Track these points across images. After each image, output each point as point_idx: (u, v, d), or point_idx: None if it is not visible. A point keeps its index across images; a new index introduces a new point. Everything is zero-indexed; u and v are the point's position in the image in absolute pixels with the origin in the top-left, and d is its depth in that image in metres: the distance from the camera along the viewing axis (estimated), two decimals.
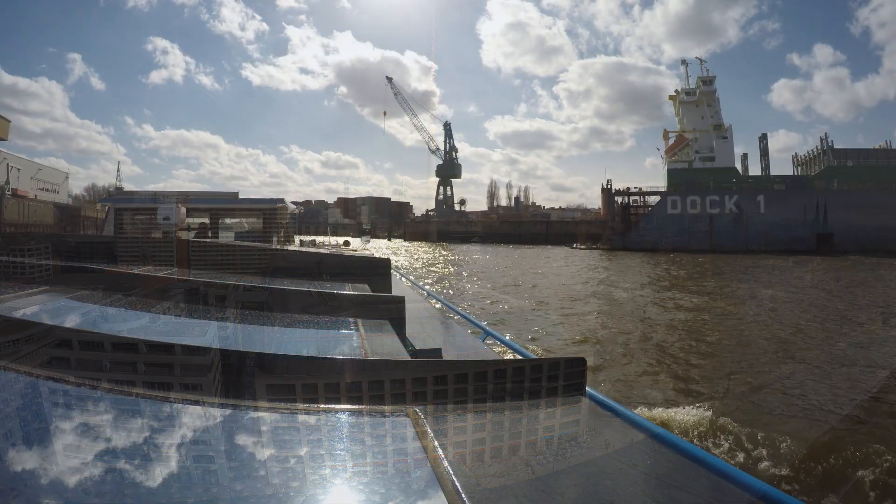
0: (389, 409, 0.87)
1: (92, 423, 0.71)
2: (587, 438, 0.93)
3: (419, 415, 0.86)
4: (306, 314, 1.61)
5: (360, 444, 0.75)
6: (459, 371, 1.11)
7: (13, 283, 1.73)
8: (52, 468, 0.60)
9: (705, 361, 10.90)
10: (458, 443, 0.75)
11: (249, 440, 0.71)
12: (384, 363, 1.03)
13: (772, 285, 25.04)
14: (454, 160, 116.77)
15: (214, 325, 1.53)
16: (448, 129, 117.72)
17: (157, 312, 1.57)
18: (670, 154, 76.98)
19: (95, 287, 1.75)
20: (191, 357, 0.88)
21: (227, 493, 0.58)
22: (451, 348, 1.89)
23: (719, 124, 77.73)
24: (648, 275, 32.30)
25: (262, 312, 1.59)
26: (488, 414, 0.94)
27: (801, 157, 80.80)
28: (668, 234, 65.97)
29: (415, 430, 0.81)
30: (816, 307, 18.27)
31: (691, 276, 32.29)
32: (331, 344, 1.48)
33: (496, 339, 2.91)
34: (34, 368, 0.84)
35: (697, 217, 67.22)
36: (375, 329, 1.53)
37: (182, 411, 0.77)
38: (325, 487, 0.61)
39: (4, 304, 1.40)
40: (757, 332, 13.88)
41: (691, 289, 24.05)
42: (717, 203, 67.61)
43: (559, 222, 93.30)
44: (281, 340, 1.48)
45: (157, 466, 0.61)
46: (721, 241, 64.43)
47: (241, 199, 14.17)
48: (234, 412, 0.78)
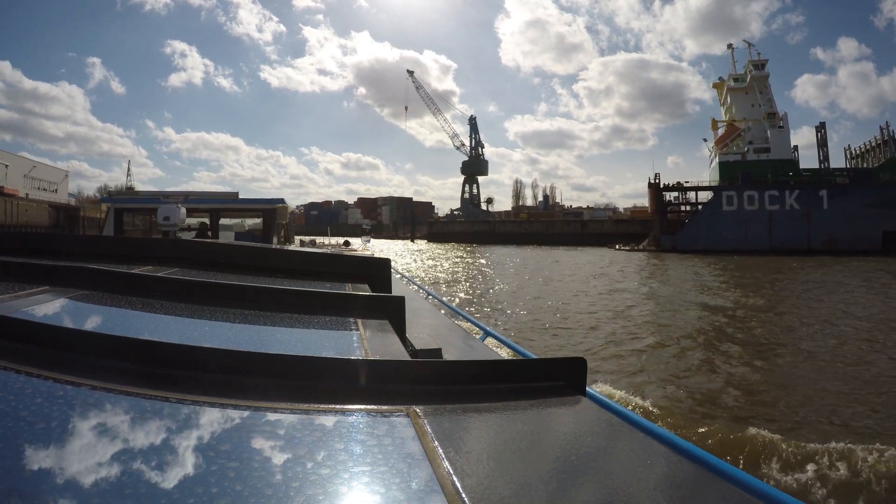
0: (389, 409, 0.91)
1: (91, 423, 0.75)
2: (587, 439, 0.97)
3: (419, 415, 0.89)
4: (306, 314, 1.71)
5: (360, 445, 0.79)
6: (460, 371, 1.13)
7: (13, 282, 1.79)
8: (51, 469, 0.62)
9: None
10: (459, 443, 0.78)
11: (248, 441, 0.75)
12: (384, 363, 1.07)
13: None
14: (480, 156, 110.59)
15: (214, 324, 1.62)
16: (473, 123, 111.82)
17: (157, 312, 1.66)
18: (720, 145, 69.99)
19: (95, 287, 1.77)
20: (190, 357, 0.90)
21: (227, 494, 0.60)
22: (452, 348, 2.01)
23: (773, 112, 70.68)
24: (768, 293, 21.69)
25: (261, 312, 1.69)
26: (488, 414, 0.99)
27: (855, 150, 73.18)
28: (724, 234, 59.24)
29: (415, 430, 0.83)
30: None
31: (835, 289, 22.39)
32: (330, 344, 1.56)
33: (496, 339, 3.07)
34: (33, 368, 0.92)
35: (755, 214, 60.32)
36: (375, 329, 1.60)
37: (181, 412, 0.81)
38: (325, 488, 0.64)
39: (4, 303, 1.47)
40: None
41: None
42: (776, 198, 60.64)
43: (594, 221, 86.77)
44: (280, 340, 1.55)
45: (156, 467, 0.65)
46: (781, 241, 57.61)
47: (241, 199, 14.26)
48: (233, 412, 0.84)
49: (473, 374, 1.14)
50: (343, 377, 1.03)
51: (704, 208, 62.55)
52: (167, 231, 10.99)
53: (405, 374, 1.07)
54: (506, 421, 0.99)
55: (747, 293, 21.46)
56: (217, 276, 2.24)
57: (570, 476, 0.81)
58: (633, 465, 0.87)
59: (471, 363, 1.30)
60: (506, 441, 0.90)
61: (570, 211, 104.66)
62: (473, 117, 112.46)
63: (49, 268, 1.92)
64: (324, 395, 0.97)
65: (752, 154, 66.94)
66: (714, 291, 22.62)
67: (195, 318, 1.65)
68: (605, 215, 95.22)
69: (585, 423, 1.03)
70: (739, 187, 61.44)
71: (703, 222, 61.10)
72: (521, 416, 1.01)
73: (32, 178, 52.45)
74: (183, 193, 13.39)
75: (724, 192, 61.76)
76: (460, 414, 0.97)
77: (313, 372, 1.02)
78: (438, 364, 1.20)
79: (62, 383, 0.89)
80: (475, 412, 1.00)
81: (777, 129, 68.22)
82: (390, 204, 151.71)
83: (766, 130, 68.38)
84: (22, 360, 0.97)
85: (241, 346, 1.11)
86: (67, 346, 1.05)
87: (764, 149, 67.14)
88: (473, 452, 0.80)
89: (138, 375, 0.96)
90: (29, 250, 2.68)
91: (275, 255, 3.16)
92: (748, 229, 59.28)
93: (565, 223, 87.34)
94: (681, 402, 8.16)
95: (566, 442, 0.98)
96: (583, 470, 0.84)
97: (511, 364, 1.28)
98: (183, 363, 1.00)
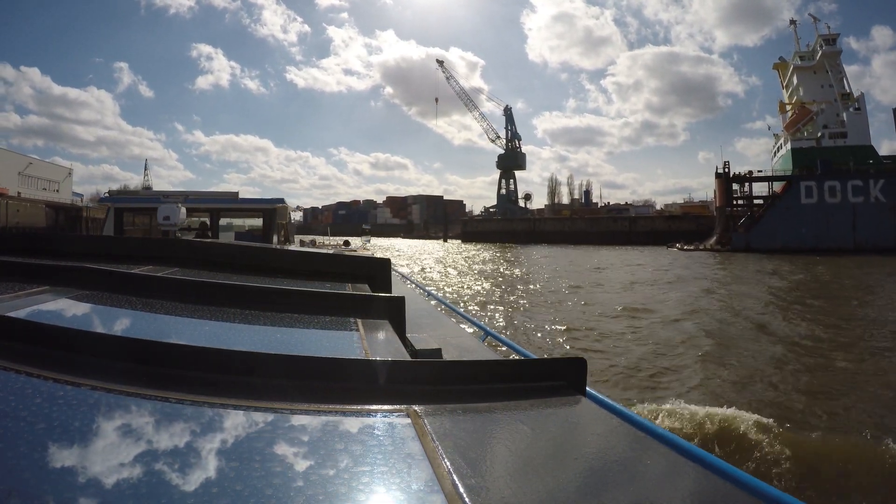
0: (389, 409, 0.92)
1: (91, 423, 0.76)
2: (587, 439, 0.99)
3: (419, 415, 0.90)
4: (306, 314, 1.73)
5: (360, 445, 0.80)
6: (460, 371, 1.14)
7: (13, 282, 1.80)
8: (51, 469, 0.62)
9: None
10: (459, 443, 0.80)
11: (248, 440, 0.75)
12: (384, 363, 1.07)
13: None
14: (517, 149, 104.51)
15: (214, 325, 1.64)
16: (509, 114, 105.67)
17: (157, 312, 1.70)
18: (791, 130, 62.56)
19: (95, 287, 1.81)
20: (190, 357, 0.95)
21: (227, 493, 0.60)
22: (452, 348, 2.00)
23: (847, 93, 62.97)
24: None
25: (260, 312, 1.72)
26: (489, 414, 1.00)
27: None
28: (803, 230, 52.17)
29: (415, 430, 0.84)
30: None
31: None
32: (330, 344, 1.58)
33: (496, 339, 3.04)
34: (33, 368, 0.92)
35: (838, 207, 53.03)
36: (375, 329, 1.62)
37: (181, 412, 0.83)
38: (325, 487, 0.64)
39: (4, 303, 1.50)
40: None
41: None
42: (859, 189, 53.24)
43: (644, 218, 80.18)
44: (280, 340, 1.55)
45: (156, 467, 0.65)
46: (866, 238, 50.33)
47: (241, 199, 14.39)
48: (233, 412, 0.84)
49: (473, 374, 1.14)
50: (343, 377, 1.03)
51: (781, 201, 55.15)
52: (167, 231, 10.99)
53: (405, 374, 1.07)
54: (506, 421, 0.98)
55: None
56: (217, 277, 2.23)
57: (570, 475, 0.81)
58: (633, 465, 0.88)
59: (471, 363, 1.29)
60: (506, 441, 0.91)
61: (616, 207, 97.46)
62: (509, 108, 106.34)
63: (49, 268, 1.92)
64: (324, 395, 0.97)
65: (828, 140, 59.52)
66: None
67: (195, 318, 1.64)
68: (647, 212, 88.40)
69: (585, 423, 1.03)
70: (819, 177, 54.16)
71: (780, 217, 54.00)
72: (521, 415, 1.01)
73: (28, 175, 49.51)
74: (183, 193, 13.27)
75: (803, 183, 54.42)
76: (460, 414, 0.96)
77: (313, 372, 1.02)
78: (438, 364, 1.20)
79: (62, 383, 0.90)
80: (475, 412, 1.00)
81: (854, 111, 60.57)
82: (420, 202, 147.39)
83: (840, 113, 60.86)
84: (22, 360, 0.97)
85: (241, 347, 1.10)
86: (67, 346, 1.05)
87: (840, 133, 59.61)
88: (473, 452, 0.80)
89: (138, 375, 0.96)
90: (29, 250, 2.68)
91: (275, 255, 3.13)
92: (829, 225, 52.12)
93: (612, 220, 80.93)
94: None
95: (566, 442, 0.98)
96: (583, 470, 0.85)
97: (511, 364, 1.29)
98: (183, 363, 1.00)
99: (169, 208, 11.33)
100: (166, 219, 11.14)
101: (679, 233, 67.10)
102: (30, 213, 41.83)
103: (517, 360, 2.08)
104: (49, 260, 2.14)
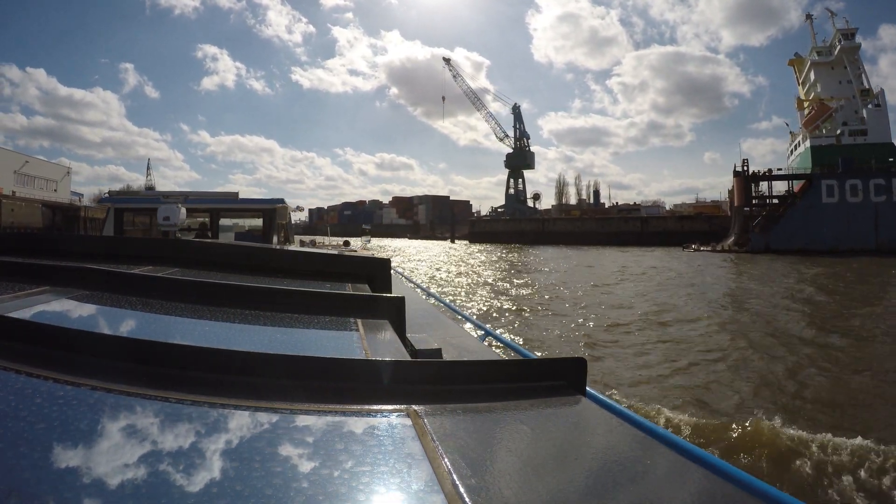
0: (389, 409, 0.92)
1: (91, 423, 0.76)
2: (587, 438, 0.99)
3: (419, 415, 0.90)
4: (305, 314, 1.73)
5: (360, 445, 0.80)
6: (460, 371, 1.15)
7: (13, 282, 1.81)
8: (51, 469, 0.62)
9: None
10: (459, 443, 0.80)
11: (248, 441, 0.76)
12: (384, 363, 1.07)
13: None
14: (525, 148, 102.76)
15: (214, 325, 1.65)
16: (517, 112, 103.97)
17: (157, 312, 1.70)
18: (810, 126, 60.78)
19: (95, 287, 1.81)
20: (190, 357, 0.96)
21: (227, 493, 0.60)
22: (452, 348, 2.01)
23: (866, 89, 61.14)
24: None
25: (260, 312, 1.72)
26: (489, 414, 1.00)
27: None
28: (824, 230, 50.43)
29: (415, 430, 0.84)
30: None
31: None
32: (330, 344, 1.58)
33: (496, 339, 3.11)
34: (33, 368, 0.92)
35: (860, 207, 51.28)
36: (375, 329, 1.62)
37: (181, 412, 0.83)
38: (325, 488, 0.64)
39: (4, 303, 1.50)
40: None
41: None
42: (882, 188, 51.45)
43: (655, 219, 78.47)
44: (280, 340, 1.56)
45: (157, 468, 0.65)
46: (889, 239, 48.57)
47: (240, 199, 14.18)
48: (233, 412, 0.85)
49: (473, 373, 1.14)
50: (343, 377, 1.03)
51: (803, 200, 53.46)
52: (167, 231, 10.91)
53: (405, 374, 1.07)
54: (506, 421, 0.99)
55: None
56: (217, 277, 2.23)
57: (570, 475, 0.81)
58: (634, 465, 0.88)
59: (471, 363, 1.29)
60: (506, 441, 0.91)
61: (626, 207, 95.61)
62: (517, 106, 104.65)
63: (49, 268, 1.92)
64: (324, 395, 0.97)
65: (848, 137, 57.76)
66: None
67: (195, 319, 1.65)
68: (657, 212, 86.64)
69: (585, 423, 1.04)
70: (840, 175, 52.45)
71: (801, 217, 52.29)
72: (521, 415, 1.01)
73: (24, 174, 48.46)
74: (183, 194, 13.02)
75: (824, 181, 52.74)
76: (460, 414, 0.96)
77: (313, 372, 1.02)
78: (438, 364, 1.20)
79: (62, 383, 0.90)
80: (475, 412, 1.00)
81: (874, 107, 58.78)
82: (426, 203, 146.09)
83: (859, 110, 59.07)
84: (22, 360, 0.97)
85: (241, 347, 1.12)
86: (67, 346, 1.05)
87: (860, 131, 57.86)
88: (473, 452, 0.80)
89: (138, 375, 0.97)
90: (30, 250, 2.68)
91: (275, 256, 3.13)
92: (850, 225, 50.40)
93: (623, 221, 79.27)
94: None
95: (566, 442, 0.98)
96: (583, 470, 0.85)
97: (511, 364, 1.29)
98: (183, 363, 1.01)
99: (169, 209, 11.19)
100: (166, 219, 11.03)
101: (692, 233, 65.41)
102: (25, 212, 40.80)
103: (517, 359, 2.07)
104: (49, 260, 2.13)
